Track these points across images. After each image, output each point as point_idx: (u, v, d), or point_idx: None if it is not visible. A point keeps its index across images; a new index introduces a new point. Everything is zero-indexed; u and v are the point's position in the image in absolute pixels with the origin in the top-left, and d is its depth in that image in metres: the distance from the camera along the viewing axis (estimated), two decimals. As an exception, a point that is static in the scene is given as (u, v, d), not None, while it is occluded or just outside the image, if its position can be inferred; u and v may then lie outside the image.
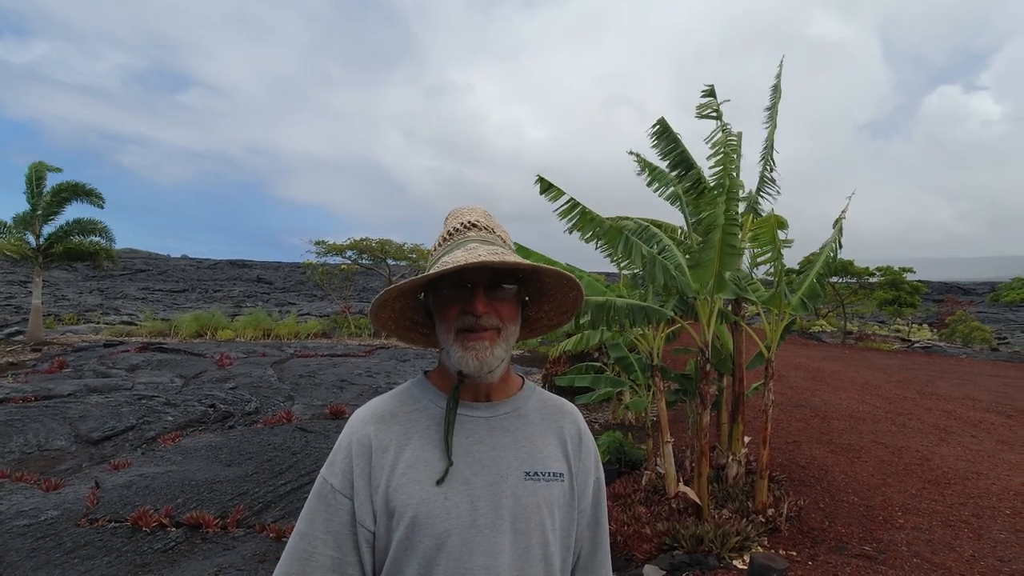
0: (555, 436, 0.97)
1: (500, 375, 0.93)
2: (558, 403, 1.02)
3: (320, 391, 8.96)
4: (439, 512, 0.83)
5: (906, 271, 21.82)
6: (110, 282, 33.04)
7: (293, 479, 4.97)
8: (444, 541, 0.82)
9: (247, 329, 15.92)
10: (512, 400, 0.97)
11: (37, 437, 6.07)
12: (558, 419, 0.99)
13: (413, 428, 0.90)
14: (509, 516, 0.86)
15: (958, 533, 4.20)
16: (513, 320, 0.92)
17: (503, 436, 0.92)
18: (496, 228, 0.96)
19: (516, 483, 0.89)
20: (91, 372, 9.62)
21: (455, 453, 0.87)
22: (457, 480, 0.86)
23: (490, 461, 0.89)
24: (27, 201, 13.60)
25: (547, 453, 0.94)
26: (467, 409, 0.93)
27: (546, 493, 0.91)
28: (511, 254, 0.90)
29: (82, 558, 3.64)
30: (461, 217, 0.96)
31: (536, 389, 1.03)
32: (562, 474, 0.94)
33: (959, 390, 10.87)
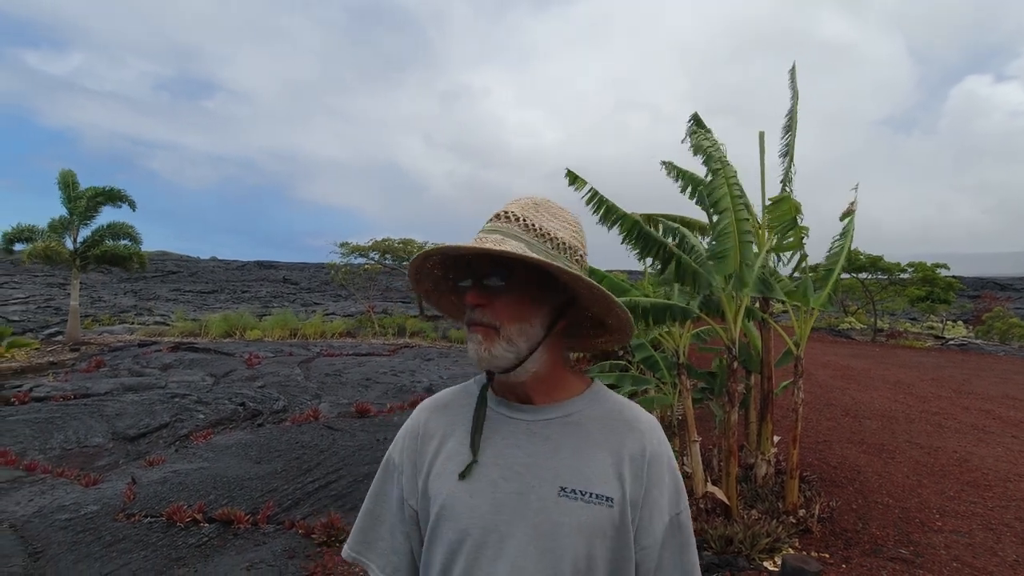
0: (610, 453, 0.84)
1: (527, 376, 0.85)
2: (629, 416, 0.88)
3: (346, 390, 9.08)
4: (462, 509, 0.83)
5: (940, 267, 21.16)
6: (143, 284, 33.97)
7: (320, 476, 5.04)
8: (464, 539, 0.82)
9: (274, 329, 16.20)
10: (562, 405, 0.87)
11: (77, 434, 6.28)
12: (621, 434, 0.85)
13: (459, 421, 0.90)
14: (534, 531, 0.80)
15: (1000, 537, 4.06)
16: (514, 319, 0.82)
17: (542, 444, 0.84)
18: (539, 221, 0.84)
19: (547, 497, 0.81)
20: (126, 371, 9.91)
21: (487, 453, 0.85)
22: (484, 481, 0.83)
23: (522, 468, 0.83)
24: (64, 206, 14.09)
25: (593, 470, 0.82)
26: (508, 410, 0.88)
27: (585, 515, 0.80)
28: (520, 246, 0.79)
29: (120, 552, 3.75)
30: (503, 208, 0.88)
31: (607, 396, 0.90)
32: (610, 498, 0.81)
33: (998, 389, 10.50)
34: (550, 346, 0.86)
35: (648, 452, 0.84)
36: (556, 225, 0.85)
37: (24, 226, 13.89)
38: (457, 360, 12.43)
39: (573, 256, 0.84)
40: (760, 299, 4.84)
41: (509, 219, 0.84)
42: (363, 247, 19.45)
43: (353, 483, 4.93)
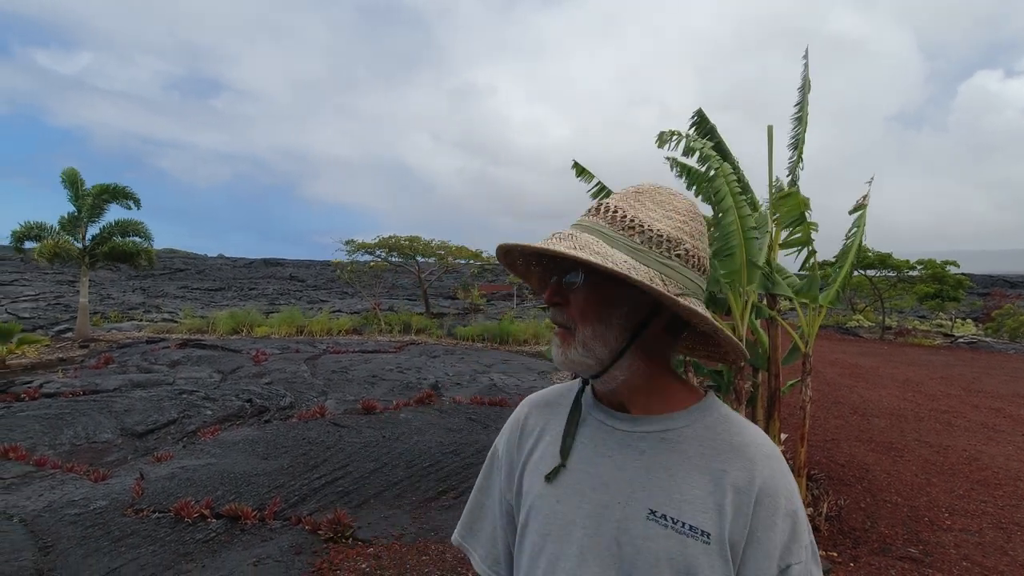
0: (709, 480, 0.72)
1: (617, 384, 0.78)
2: (739, 440, 0.75)
3: (352, 386, 9.11)
4: (546, 511, 0.80)
5: (949, 264, 20.96)
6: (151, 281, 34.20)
7: (327, 473, 5.06)
8: (546, 544, 0.79)
9: (281, 326, 16.27)
10: (661, 419, 0.78)
11: (86, 430, 6.33)
12: (725, 460, 0.73)
13: (558, 420, 0.86)
14: (616, 551, 0.73)
15: (1011, 536, 4.02)
16: (587, 321, 0.75)
17: (635, 458, 0.77)
18: (634, 211, 0.75)
19: (634, 518, 0.73)
20: (135, 368, 9.98)
21: (577, 458, 0.80)
22: (572, 488, 0.79)
23: (610, 480, 0.76)
24: (72, 204, 14.19)
25: (689, 497, 0.72)
26: (605, 416, 0.82)
27: (674, 547, 0.70)
28: (594, 240, 0.73)
29: (129, 546, 3.78)
30: (601, 201, 0.79)
31: (718, 415, 0.78)
32: (707, 533, 0.70)
33: (1008, 387, 10.41)
34: (645, 352, 0.77)
35: (758, 485, 0.71)
36: (657, 215, 0.75)
37: (33, 224, 14.00)
38: (463, 357, 12.44)
39: (673, 250, 0.73)
40: (767, 296, 4.81)
41: (598, 211, 0.77)
42: (369, 244, 19.47)
43: (359, 479, 4.94)
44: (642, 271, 0.70)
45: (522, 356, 13.35)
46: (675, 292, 0.71)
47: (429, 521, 4.24)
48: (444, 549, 3.79)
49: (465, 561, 3.63)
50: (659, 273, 0.72)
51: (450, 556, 3.69)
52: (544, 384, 9.85)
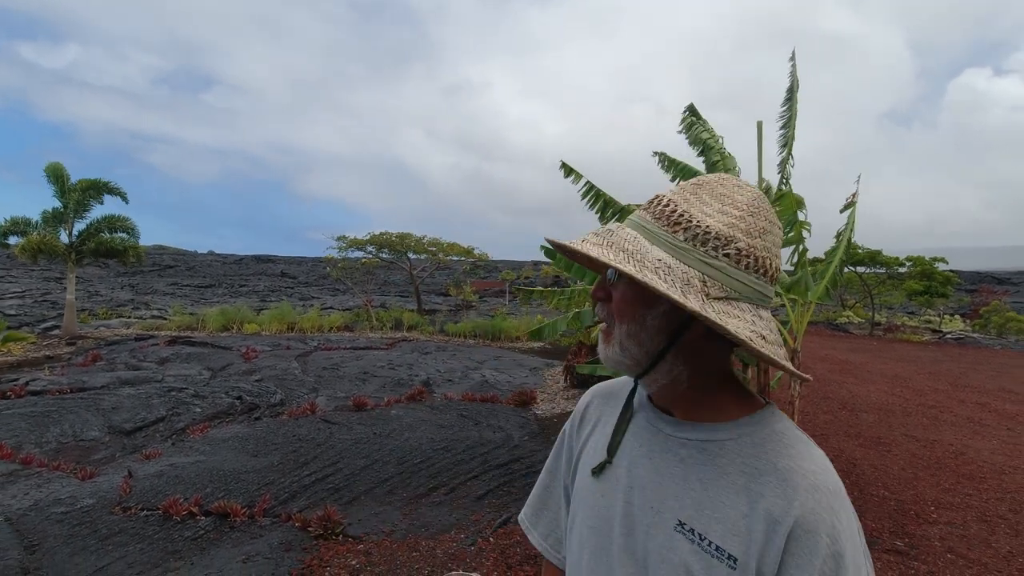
0: (745, 502, 0.67)
1: (658, 387, 0.75)
2: (785, 464, 0.67)
3: (343, 383, 9.07)
4: (590, 504, 0.80)
5: (938, 261, 21.18)
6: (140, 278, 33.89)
7: (318, 470, 5.04)
8: (588, 536, 0.79)
9: (272, 323, 16.18)
10: (704, 427, 0.73)
11: (73, 427, 6.26)
12: (764, 483, 0.67)
13: (613, 413, 0.85)
14: (642, 558, 0.72)
15: (994, 529, 4.08)
16: (623, 319, 0.73)
17: (674, 464, 0.73)
18: (685, 205, 0.70)
19: (663, 525, 0.71)
20: (123, 365, 9.89)
21: (622, 455, 0.79)
22: (616, 485, 0.78)
23: (648, 483, 0.74)
24: (57, 199, 13.99)
25: (719, 516, 0.67)
26: (653, 415, 0.79)
27: (697, 565, 0.67)
28: (635, 236, 0.70)
29: (116, 545, 3.75)
30: (658, 193, 0.76)
31: (771, 432, 0.71)
32: (734, 558, 0.65)
33: (994, 382, 10.54)
34: (690, 356, 0.72)
35: (794, 516, 0.64)
36: (712, 209, 0.69)
37: (18, 219, 13.81)
38: (455, 354, 12.43)
39: (721, 249, 0.67)
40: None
41: (650, 204, 0.73)
42: (360, 241, 19.38)
43: (350, 476, 4.92)
44: (679, 271, 0.66)
45: (514, 352, 13.36)
46: (717, 295, 0.66)
47: (420, 517, 4.24)
48: (435, 545, 3.79)
49: (455, 557, 3.64)
50: (700, 274, 0.67)
51: (440, 552, 3.69)
52: (536, 381, 9.87)
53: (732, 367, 0.78)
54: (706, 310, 0.64)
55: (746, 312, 0.67)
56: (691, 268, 0.67)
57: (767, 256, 0.70)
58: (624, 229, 0.72)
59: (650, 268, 0.66)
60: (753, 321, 0.67)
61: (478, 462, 5.30)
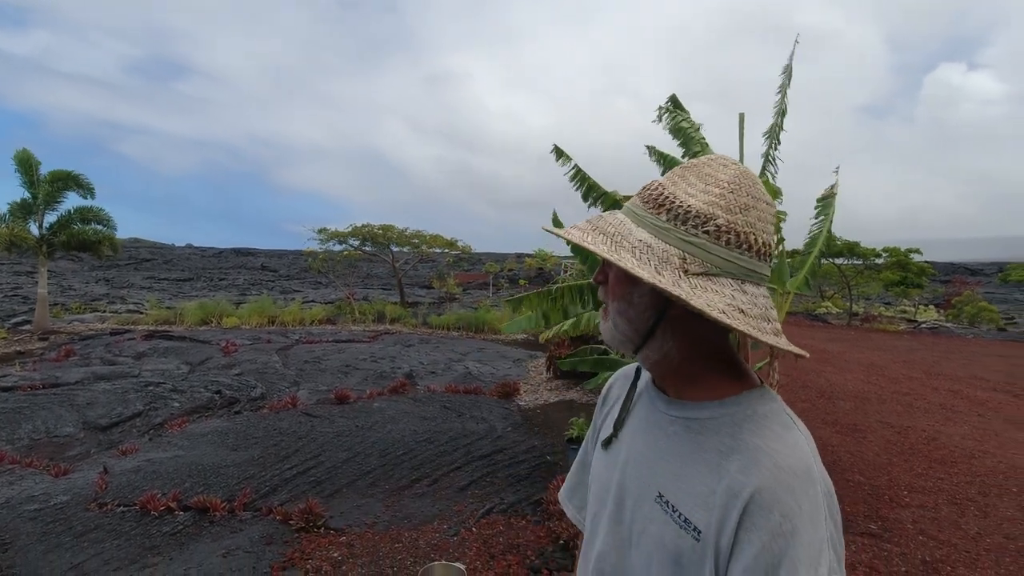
0: (715, 477, 0.69)
1: (650, 364, 0.80)
2: (756, 442, 0.69)
3: (325, 376, 9.00)
4: (596, 474, 0.89)
5: (913, 252, 21.63)
6: (116, 271, 33.19)
7: (299, 463, 5.00)
8: (591, 503, 0.89)
9: (252, 316, 15.96)
10: (694, 406, 0.76)
11: (46, 424, 6.13)
12: (734, 459, 0.69)
13: (627, 393, 0.91)
14: (627, 526, 0.78)
15: (964, 511, 4.20)
16: (614, 298, 0.77)
17: (662, 440, 0.78)
18: (671, 187, 0.73)
19: (646, 497, 0.76)
20: (98, 360, 9.68)
21: (626, 431, 0.86)
22: (616, 457, 0.84)
23: (641, 456, 0.80)
24: (27, 190, 13.55)
25: (690, 490, 0.71)
26: (654, 395, 0.83)
27: (668, 535, 0.71)
28: (623, 220, 0.74)
29: (92, 541, 3.68)
30: (654, 180, 0.78)
31: (753, 410, 0.73)
32: (698, 530, 0.68)
33: (966, 370, 10.83)
34: (679, 335, 0.75)
35: (749, 492, 0.65)
36: (695, 189, 0.72)
37: (-15, 211, 13.39)
38: (438, 346, 12.39)
39: (701, 226, 0.69)
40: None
41: (642, 191, 0.76)
42: (342, 233, 19.15)
43: (332, 469, 4.89)
44: (658, 250, 0.69)
45: (498, 344, 13.36)
46: (696, 271, 0.68)
47: (402, 509, 4.23)
48: (417, 536, 3.79)
49: (438, 548, 3.64)
50: (680, 251, 0.69)
51: (423, 543, 3.69)
52: (519, 372, 9.88)
53: (729, 345, 0.79)
54: (679, 285, 0.66)
55: (726, 287, 0.69)
56: (671, 246, 0.70)
57: (750, 231, 0.71)
58: (614, 215, 0.76)
59: (627, 249, 0.70)
60: (733, 296, 0.68)
61: (461, 453, 5.30)
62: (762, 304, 0.71)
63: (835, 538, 0.67)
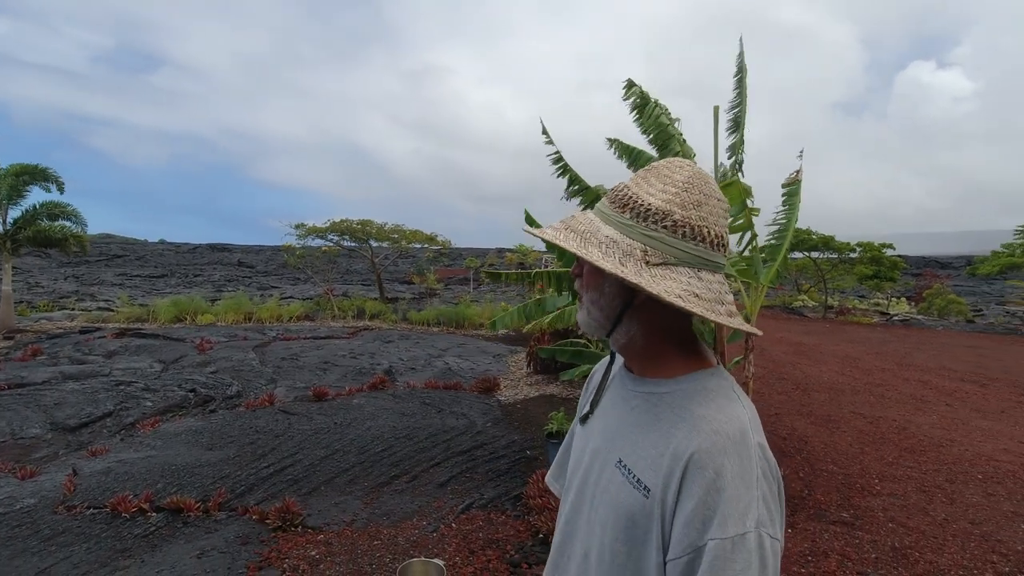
0: (665, 442, 0.79)
1: (619, 346, 0.90)
2: (700, 411, 0.78)
3: (303, 373, 8.88)
4: (576, 447, 1.00)
5: (886, 247, 22.12)
6: (86, 268, 32.31)
7: (276, 461, 4.93)
8: (571, 472, 0.98)
9: (228, 313, 15.68)
10: (655, 382, 0.86)
11: (11, 425, 5.94)
12: (680, 427, 0.78)
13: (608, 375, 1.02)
14: (593, 487, 0.89)
15: (932, 498, 4.31)
16: (588, 288, 0.87)
17: (627, 413, 0.88)
18: (634, 188, 0.82)
19: (610, 462, 0.86)
20: (66, 359, 9.42)
21: (600, 409, 0.96)
22: (590, 431, 0.95)
23: (608, 428, 0.91)
24: (-13, 185, 13.09)
25: (643, 454, 0.81)
26: (624, 375, 0.94)
27: (623, 494, 0.81)
28: (592, 219, 0.84)
29: (60, 545, 3.58)
30: (620, 183, 0.87)
31: (702, 386, 0.82)
32: (648, 489, 0.78)
33: (935, 361, 11.12)
34: (644, 320, 0.85)
35: (689, 455, 0.74)
36: (655, 189, 0.81)
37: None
38: (418, 342, 12.32)
39: (660, 222, 0.78)
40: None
41: (610, 193, 0.86)
42: (320, 228, 18.89)
43: (310, 467, 4.83)
44: (623, 244, 0.78)
45: (478, 340, 13.34)
46: (656, 262, 0.77)
47: (381, 506, 4.20)
48: (396, 533, 3.76)
49: (417, 544, 3.62)
50: (642, 245, 0.78)
51: (402, 540, 3.67)
52: (500, 368, 9.88)
53: (689, 329, 0.89)
54: (640, 275, 0.76)
55: (682, 275, 0.78)
56: (634, 241, 0.79)
57: (703, 225, 0.80)
58: (585, 215, 0.86)
59: (594, 244, 0.79)
60: (689, 282, 0.77)
61: (440, 449, 5.28)
62: (716, 289, 0.80)
63: (768, 497, 0.74)
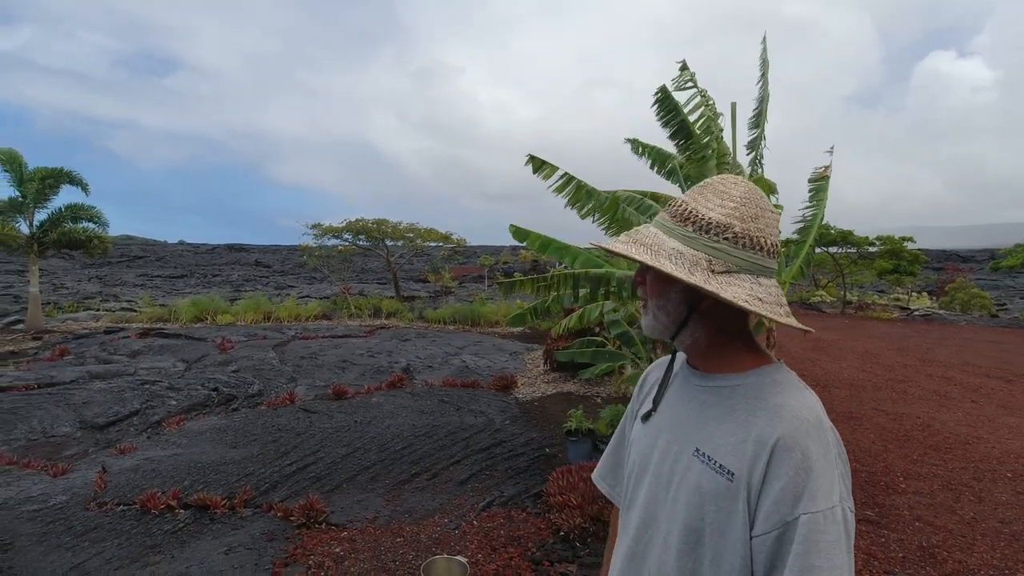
0: (743, 430, 0.87)
1: (685, 346, 0.98)
2: (777, 401, 0.87)
3: (322, 372, 8.98)
4: (636, 445, 1.05)
5: (906, 240, 21.74)
6: (108, 269, 32.93)
7: (298, 459, 5.00)
8: (636, 468, 1.03)
9: (247, 312, 15.90)
10: (723, 377, 0.94)
11: (42, 424, 6.09)
12: (759, 415, 0.86)
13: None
14: (668, 478, 0.94)
15: (959, 496, 4.24)
16: (654, 295, 0.96)
17: (697, 407, 0.96)
18: (693, 203, 0.91)
19: (686, 452, 0.93)
20: (93, 359, 9.63)
21: (664, 404, 1.03)
22: (655, 427, 1.01)
23: (677, 422, 0.97)
24: (15, 188, 13.38)
25: (723, 442, 0.88)
26: (688, 372, 1.02)
27: (705, 480, 0.88)
28: (655, 232, 0.92)
29: (92, 541, 3.67)
30: (677, 198, 0.95)
31: (771, 379, 0.91)
32: (731, 472, 0.85)
33: (958, 356, 10.92)
34: (708, 322, 0.94)
35: (776, 439, 0.82)
36: (713, 204, 0.90)
37: (-24, 211, 13.23)
38: (435, 340, 12.39)
39: (721, 234, 0.87)
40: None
41: (667, 207, 0.95)
42: (336, 228, 19.05)
43: (331, 465, 4.89)
44: (688, 255, 0.87)
45: (494, 338, 13.37)
46: (721, 271, 0.86)
47: (403, 503, 4.24)
48: (418, 530, 3.80)
49: (439, 541, 3.65)
50: (707, 256, 0.87)
51: (424, 537, 3.70)
52: (516, 365, 9.90)
53: (747, 328, 0.97)
54: (709, 283, 0.84)
55: (745, 281, 0.87)
56: (699, 252, 0.88)
57: (761, 235, 0.89)
58: (648, 228, 0.94)
59: (664, 255, 0.88)
60: (751, 288, 0.87)
61: (460, 447, 5.32)
62: (775, 293, 0.90)
63: (844, 475, 0.84)
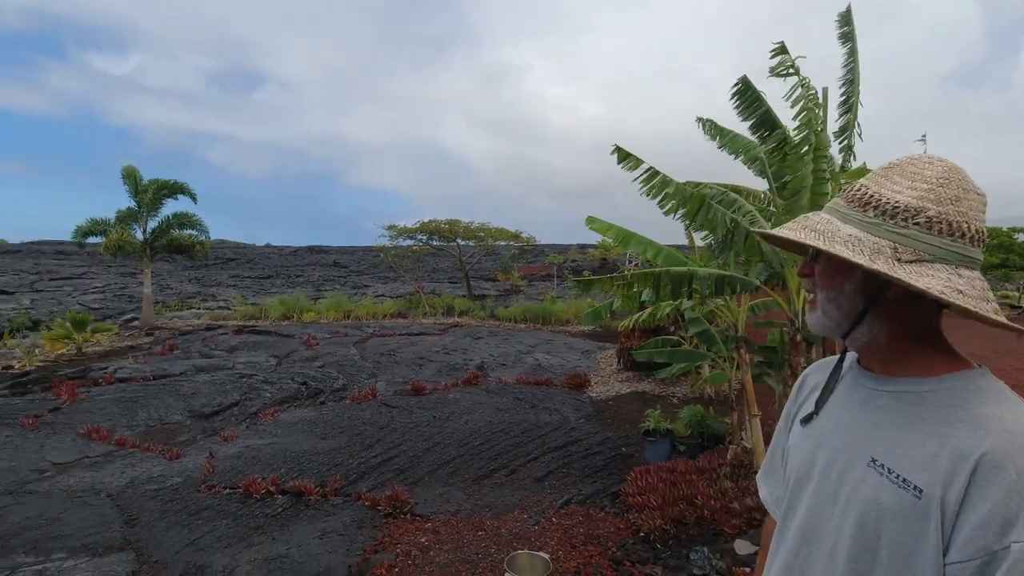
0: (936, 442, 0.74)
1: (859, 345, 0.87)
2: (982, 411, 0.74)
3: (401, 368, 9.34)
4: (795, 451, 0.94)
5: (1017, 231, 19.69)
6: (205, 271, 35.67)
7: (382, 452, 5.24)
8: (792, 475, 0.93)
9: (329, 311, 16.76)
10: (906, 381, 0.82)
11: (158, 411, 6.74)
12: (958, 427, 0.74)
13: (826, 377, 0.97)
14: (837, 490, 0.82)
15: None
16: (824, 288, 0.86)
17: (871, 412, 0.84)
18: (875, 186, 0.81)
19: (856, 463, 0.81)
20: (197, 353, 10.51)
21: (828, 409, 0.92)
22: (818, 432, 0.90)
23: (846, 428, 0.86)
24: (132, 199, 14.90)
25: (909, 454, 0.76)
26: (859, 374, 0.90)
27: (885, 494, 0.75)
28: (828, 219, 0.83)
29: (204, 520, 4.04)
30: (855, 182, 0.85)
31: (975, 386, 0.78)
32: (919, 489, 0.72)
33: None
34: (889, 317, 0.83)
35: (981, 451, 0.69)
36: (901, 186, 0.79)
37: (98, 220, 14.79)
38: (507, 338, 12.55)
39: (912, 219, 0.76)
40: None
41: (843, 193, 0.85)
42: (410, 229, 19.70)
43: (413, 458, 5.10)
44: (868, 242, 0.77)
45: (565, 336, 13.37)
46: (909, 259, 0.76)
47: (483, 498, 4.35)
48: (499, 525, 3.89)
49: (519, 536, 3.73)
50: (891, 243, 0.77)
51: (505, 531, 3.79)
52: (589, 364, 9.86)
53: (939, 328, 0.85)
54: (896, 271, 0.74)
55: (940, 271, 0.76)
56: (881, 239, 0.78)
57: (962, 220, 0.77)
58: (818, 215, 0.85)
59: (839, 242, 0.79)
60: (949, 279, 0.75)
61: (536, 444, 5.38)
62: (979, 286, 0.77)
63: None
